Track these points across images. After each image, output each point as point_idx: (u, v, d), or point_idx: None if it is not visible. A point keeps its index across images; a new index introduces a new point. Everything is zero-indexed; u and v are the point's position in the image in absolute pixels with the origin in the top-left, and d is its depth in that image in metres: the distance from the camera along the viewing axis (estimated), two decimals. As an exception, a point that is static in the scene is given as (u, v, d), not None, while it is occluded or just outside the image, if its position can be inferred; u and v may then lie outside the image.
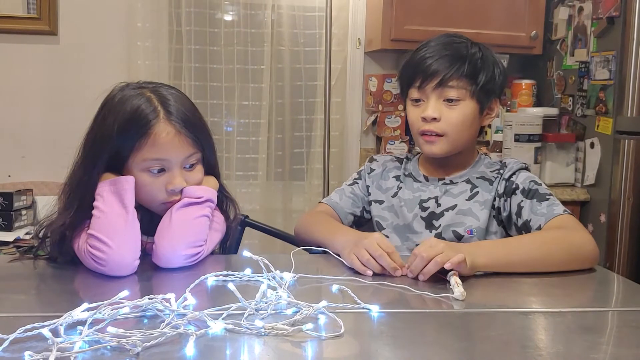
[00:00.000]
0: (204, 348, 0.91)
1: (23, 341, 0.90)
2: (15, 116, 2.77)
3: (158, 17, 2.87)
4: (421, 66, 1.51)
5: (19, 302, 1.15)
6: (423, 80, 1.51)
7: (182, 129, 1.30)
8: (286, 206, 3.07)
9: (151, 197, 1.33)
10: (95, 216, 1.27)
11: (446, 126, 1.50)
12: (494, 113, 1.59)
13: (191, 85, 2.91)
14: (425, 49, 1.54)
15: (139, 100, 1.30)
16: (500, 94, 1.60)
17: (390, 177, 1.66)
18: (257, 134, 3.00)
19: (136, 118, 1.28)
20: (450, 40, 1.54)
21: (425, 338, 1.00)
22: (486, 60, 1.53)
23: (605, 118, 2.51)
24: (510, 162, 1.60)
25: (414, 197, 1.60)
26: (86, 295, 1.19)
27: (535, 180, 1.53)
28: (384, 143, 3.00)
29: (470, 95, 1.51)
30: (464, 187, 1.57)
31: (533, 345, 0.98)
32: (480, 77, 1.51)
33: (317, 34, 2.97)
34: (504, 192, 1.54)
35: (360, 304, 1.09)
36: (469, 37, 1.56)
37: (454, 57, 1.50)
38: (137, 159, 1.29)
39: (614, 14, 2.44)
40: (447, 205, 1.56)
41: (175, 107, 1.32)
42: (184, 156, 1.32)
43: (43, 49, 2.81)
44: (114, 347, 0.90)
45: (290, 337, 0.96)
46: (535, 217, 1.45)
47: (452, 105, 1.50)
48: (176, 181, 1.31)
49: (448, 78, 1.49)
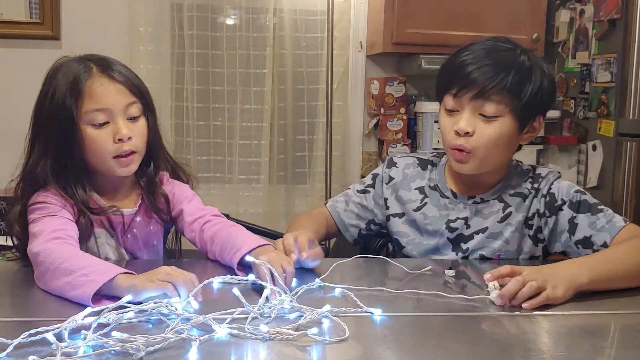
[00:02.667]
0: (208, 353, 0.91)
1: (27, 346, 0.90)
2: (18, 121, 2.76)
3: (160, 22, 2.88)
4: (459, 73, 1.37)
5: (21, 306, 1.16)
6: (460, 89, 1.37)
7: (117, 77, 1.34)
8: (289, 209, 3.07)
9: (101, 151, 1.34)
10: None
11: (478, 142, 1.37)
12: (537, 131, 1.45)
13: (193, 89, 2.92)
14: (466, 53, 1.39)
15: (72, 65, 1.36)
16: (546, 111, 1.45)
17: (413, 189, 1.53)
18: (259, 137, 3.00)
19: (71, 77, 1.32)
20: (495, 46, 1.40)
21: (429, 342, 1.00)
22: (534, 73, 1.38)
23: (607, 120, 2.51)
24: (543, 171, 1.49)
25: (441, 215, 1.49)
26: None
27: (579, 190, 1.44)
28: (386, 146, 3.00)
29: (510, 111, 1.36)
30: (495, 206, 1.47)
31: (536, 348, 0.98)
32: (525, 93, 1.36)
33: (319, 37, 2.98)
34: (546, 210, 1.45)
35: (362, 307, 1.09)
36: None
37: (497, 67, 1.35)
38: (80, 115, 1.31)
39: (615, 17, 2.44)
40: (477, 228, 1.47)
41: (110, 64, 1.37)
42: (123, 104, 1.34)
43: (46, 54, 2.79)
44: (118, 351, 0.90)
45: (294, 342, 0.96)
46: (597, 233, 1.37)
47: (488, 121, 1.37)
48: (122, 130, 1.33)
49: (488, 90, 1.34)
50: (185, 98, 2.93)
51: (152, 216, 1.45)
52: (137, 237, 1.44)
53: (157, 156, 1.46)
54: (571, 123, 2.79)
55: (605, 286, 1.22)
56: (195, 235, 1.43)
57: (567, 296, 1.16)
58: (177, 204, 1.48)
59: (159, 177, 1.47)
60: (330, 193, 2.82)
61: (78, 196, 1.34)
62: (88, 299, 1.06)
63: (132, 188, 1.45)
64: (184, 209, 1.46)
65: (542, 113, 1.44)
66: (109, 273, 1.09)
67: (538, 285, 1.13)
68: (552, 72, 1.44)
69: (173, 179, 1.52)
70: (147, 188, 1.44)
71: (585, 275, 1.19)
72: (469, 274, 1.32)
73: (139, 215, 1.44)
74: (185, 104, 2.94)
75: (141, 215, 1.44)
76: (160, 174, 1.48)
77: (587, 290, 1.19)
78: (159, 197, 1.45)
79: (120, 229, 1.41)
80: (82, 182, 1.36)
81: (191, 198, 1.49)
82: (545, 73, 1.40)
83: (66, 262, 1.15)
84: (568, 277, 1.18)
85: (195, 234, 1.43)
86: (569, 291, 1.16)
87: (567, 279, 1.17)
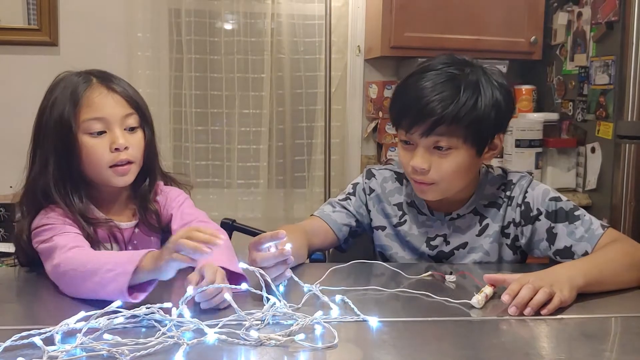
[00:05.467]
0: (195, 357, 0.92)
1: (18, 349, 0.91)
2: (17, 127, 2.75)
3: (158, 27, 2.88)
4: (409, 107, 1.34)
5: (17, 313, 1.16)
6: (411, 125, 1.33)
7: (116, 89, 1.36)
8: (288, 214, 3.07)
9: (97, 160, 1.35)
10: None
11: (437, 176, 1.35)
12: (497, 149, 1.41)
13: (192, 95, 2.92)
14: (416, 82, 1.34)
15: (73, 77, 1.38)
16: (505, 127, 1.41)
17: (392, 204, 1.54)
18: (257, 142, 3.00)
19: (71, 88, 1.35)
20: (444, 73, 1.33)
21: (427, 347, 1.00)
22: (484, 91, 1.32)
23: (605, 123, 2.51)
24: (514, 177, 1.48)
25: (420, 232, 1.50)
26: (86, 306, 1.18)
27: (553, 197, 1.42)
28: (384, 150, 3.00)
29: (464, 142, 1.32)
30: (472, 219, 1.47)
31: (536, 352, 0.98)
32: (478, 119, 1.31)
33: (317, 41, 2.98)
34: (522, 219, 1.44)
35: (359, 315, 1.09)
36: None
37: (444, 100, 1.30)
38: (79, 124, 1.33)
39: (613, 19, 2.44)
40: (456, 244, 1.47)
41: (111, 77, 1.39)
42: (121, 114, 1.36)
43: (44, 60, 2.82)
44: (106, 356, 0.91)
45: (283, 348, 0.96)
46: (577, 243, 1.37)
47: (444, 154, 1.33)
48: (119, 139, 1.34)
49: (439, 126, 1.30)
50: (184, 103, 2.93)
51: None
52: (139, 248, 1.44)
53: (152, 172, 1.47)
54: (570, 125, 2.78)
55: (597, 288, 1.23)
56: None
57: (573, 297, 1.17)
58: (168, 211, 1.48)
59: (155, 187, 1.48)
60: (329, 197, 2.81)
61: (76, 207, 1.35)
62: (124, 292, 1.08)
63: (128, 202, 1.46)
64: (173, 215, 1.47)
65: (500, 130, 1.39)
66: (133, 260, 1.10)
67: (550, 291, 1.13)
68: (505, 84, 1.37)
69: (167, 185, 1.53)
70: (140, 203, 1.45)
71: (581, 277, 1.20)
72: (469, 279, 1.32)
73: (138, 227, 1.45)
74: (184, 109, 2.94)
75: (140, 227, 1.45)
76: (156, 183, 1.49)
77: (581, 292, 1.20)
78: (150, 213, 1.46)
79: (122, 242, 1.42)
80: (80, 194, 1.37)
81: (182, 202, 1.49)
82: (496, 86, 1.34)
83: (89, 263, 1.16)
84: (568, 278, 1.18)
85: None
86: (573, 292, 1.17)
87: (568, 280, 1.18)
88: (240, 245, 1.33)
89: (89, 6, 2.84)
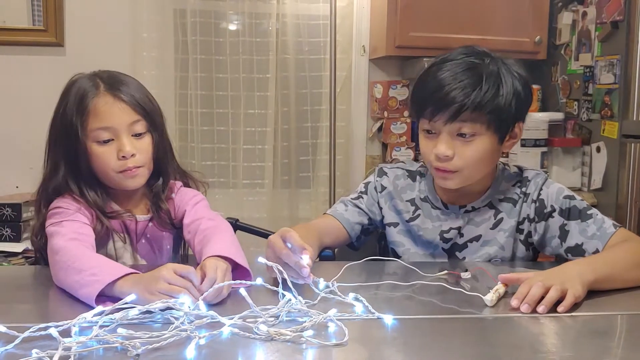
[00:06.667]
0: (206, 350, 0.93)
1: (35, 340, 0.94)
2: (23, 127, 2.77)
3: (163, 28, 2.89)
4: (431, 98, 1.36)
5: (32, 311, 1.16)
6: (434, 113, 1.35)
7: (123, 97, 1.38)
8: (293, 214, 3.08)
9: (105, 167, 1.38)
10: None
11: (461, 163, 1.36)
12: (518, 137, 1.44)
13: (197, 95, 2.93)
14: (437, 72, 1.37)
15: (84, 82, 1.40)
16: (525, 116, 1.44)
17: (405, 200, 1.54)
18: (263, 142, 3.01)
19: (79, 96, 1.38)
20: (464, 63, 1.36)
21: (437, 344, 1.00)
22: (505, 80, 1.35)
23: (610, 122, 2.51)
24: (530, 174, 1.49)
25: (434, 226, 1.50)
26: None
27: (568, 195, 1.44)
28: (389, 150, 3.00)
29: (487, 128, 1.35)
30: (486, 213, 1.48)
31: (545, 349, 0.98)
32: (499, 104, 1.34)
33: (322, 41, 2.99)
34: (536, 215, 1.46)
35: (374, 313, 1.09)
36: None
37: (467, 87, 1.32)
38: (87, 133, 1.36)
39: (617, 18, 2.44)
40: (470, 236, 1.48)
41: (119, 82, 1.40)
42: (127, 122, 1.38)
43: (49, 61, 2.83)
44: (120, 348, 0.92)
45: (293, 344, 0.96)
46: (588, 241, 1.38)
47: (467, 141, 1.36)
48: (125, 147, 1.36)
49: (462, 112, 1.32)
50: (189, 104, 2.94)
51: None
52: (151, 242, 1.48)
53: (166, 171, 1.49)
54: (575, 125, 2.79)
55: (606, 285, 1.23)
56: (190, 238, 1.44)
57: (584, 293, 1.17)
58: (182, 209, 1.49)
59: (170, 186, 1.50)
60: (334, 197, 2.82)
61: (93, 199, 1.39)
62: (92, 299, 1.10)
63: (143, 197, 1.49)
64: (187, 211, 1.48)
65: (521, 119, 1.42)
66: (114, 273, 1.12)
67: (562, 288, 1.13)
68: (524, 74, 1.40)
69: (186, 186, 1.56)
70: (153, 201, 1.48)
71: (590, 273, 1.20)
72: (482, 279, 1.32)
73: (152, 221, 1.48)
74: (189, 110, 2.95)
75: (154, 222, 1.48)
76: (172, 182, 1.51)
77: (590, 289, 1.20)
78: (162, 211, 1.48)
79: (134, 234, 1.44)
80: (95, 190, 1.41)
81: (197, 202, 1.51)
82: (516, 76, 1.37)
83: (78, 260, 1.19)
84: (578, 274, 1.19)
85: (191, 236, 1.44)
86: (585, 287, 1.17)
87: (579, 277, 1.18)
88: (243, 245, 1.33)
89: (95, 7, 2.85)
